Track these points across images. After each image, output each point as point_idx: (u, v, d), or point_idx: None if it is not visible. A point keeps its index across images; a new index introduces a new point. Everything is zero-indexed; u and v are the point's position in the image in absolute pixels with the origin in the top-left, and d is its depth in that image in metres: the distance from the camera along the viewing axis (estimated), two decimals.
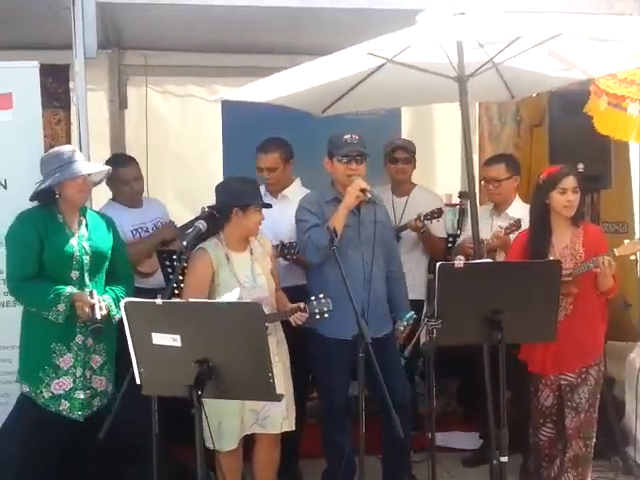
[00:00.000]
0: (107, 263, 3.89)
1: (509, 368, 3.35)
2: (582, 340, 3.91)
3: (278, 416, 3.87)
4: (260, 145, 4.73)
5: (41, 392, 3.76)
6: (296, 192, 4.60)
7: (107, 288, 3.87)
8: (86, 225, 3.86)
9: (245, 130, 5.33)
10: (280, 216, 4.37)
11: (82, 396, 3.80)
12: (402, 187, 5.15)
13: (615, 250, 3.80)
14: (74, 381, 3.78)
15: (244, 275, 3.87)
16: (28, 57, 4.39)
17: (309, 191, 4.48)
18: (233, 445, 3.81)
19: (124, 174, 4.62)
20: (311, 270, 4.23)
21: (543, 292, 3.44)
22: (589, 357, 3.97)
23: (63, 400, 3.77)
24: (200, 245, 3.85)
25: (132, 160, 4.82)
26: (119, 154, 5.27)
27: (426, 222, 4.84)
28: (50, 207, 3.80)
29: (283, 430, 3.93)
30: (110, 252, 3.90)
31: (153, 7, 4.54)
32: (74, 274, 3.76)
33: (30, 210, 3.82)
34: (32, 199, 3.79)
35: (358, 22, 4.55)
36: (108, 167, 4.01)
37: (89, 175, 3.83)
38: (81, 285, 3.76)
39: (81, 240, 3.81)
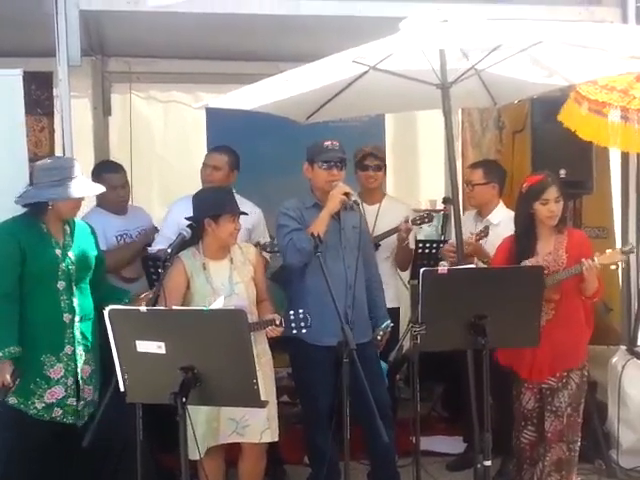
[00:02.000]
0: (92, 271, 3.87)
1: (490, 372, 3.37)
2: (562, 344, 3.92)
3: (258, 426, 3.84)
4: (214, 147, 4.89)
5: (33, 403, 3.69)
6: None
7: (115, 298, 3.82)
8: (71, 234, 3.82)
9: (229, 137, 5.33)
10: None
11: (74, 403, 3.76)
12: (373, 195, 4.99)
13: (596, 258, 3.82)
14: (66, 390, 3.73)
15: (220, 283, 3.86)
16: (11, 64, 4.39)
17: (245, 200, 4.45)
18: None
19: (111, 180, 4.63)
20: (291, 278, 4.19)
21: (526, 298, 3.47)
22: (570, 361, 3.99)
23: (56, 408, 3.72)
24: (178, 254, 3.84)
25: (120, 167, 4.87)
26: (108, 160, 5.31)
27: (415, 226, 4.80)
28: (33, 217, 3.73)
29: (263, 441, 3.89)
30: (94, 260, 3.88)
31: (136, 14, 4.53)
32: (60, 284, 3.72)
33: (11, 220, 3.75)
34: (23, 205, 3.71)
35: (342, 30, 4.57)
36: (104, 188, 4.00)
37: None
38: (68, 295, 3.73)
39: (66, 250, 3.76)
